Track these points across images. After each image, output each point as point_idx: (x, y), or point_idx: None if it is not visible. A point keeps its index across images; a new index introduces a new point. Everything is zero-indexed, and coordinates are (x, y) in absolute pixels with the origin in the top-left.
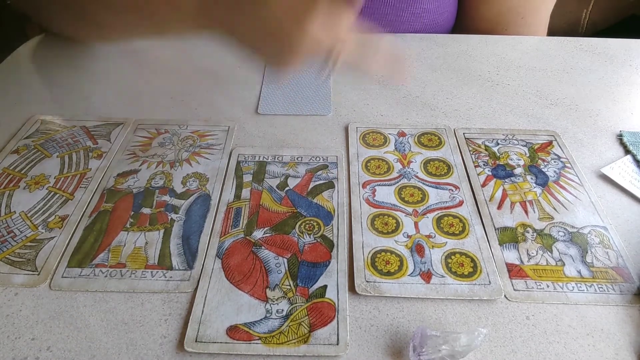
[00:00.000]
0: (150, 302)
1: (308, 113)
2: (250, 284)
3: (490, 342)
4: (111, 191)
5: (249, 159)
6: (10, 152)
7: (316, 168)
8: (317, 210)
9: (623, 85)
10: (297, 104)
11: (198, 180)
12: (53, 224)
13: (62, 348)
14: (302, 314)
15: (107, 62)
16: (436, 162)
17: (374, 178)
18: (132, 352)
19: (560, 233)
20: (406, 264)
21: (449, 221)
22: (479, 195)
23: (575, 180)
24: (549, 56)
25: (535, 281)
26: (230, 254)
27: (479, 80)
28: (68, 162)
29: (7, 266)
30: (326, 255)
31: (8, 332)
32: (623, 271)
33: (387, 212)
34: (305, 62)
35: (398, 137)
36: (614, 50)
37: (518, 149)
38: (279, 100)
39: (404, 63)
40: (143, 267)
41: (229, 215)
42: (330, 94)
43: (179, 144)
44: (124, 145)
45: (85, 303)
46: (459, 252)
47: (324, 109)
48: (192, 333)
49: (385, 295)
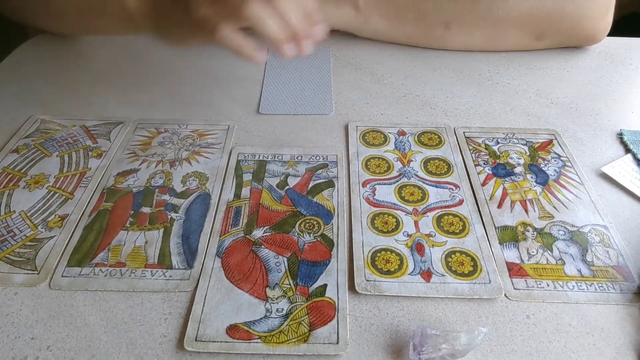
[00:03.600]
0: (150, 301)
1: (309, 112)
2: (250, 283)
3: (490, 341)
4: (111, 190)
5: (249, 157)
6: (10, 152)
7: (316, 167)
8: (317, 209)
9: (623, 84)
10: (298, 104)
11: (198, 179)
12: (53, 223)
13: (61, 347)
14: (302, 313)
15: (107, 62)
16: (436, 161)
17: (374, 177)
18: (131, 351)
19: (561, 232)
20: (406, 263)
21: (449, 220)
22: (479, 194)
23: (576, 179)
24: (549, 55)
25: (536, 280)
26: (230, 253)
27: (479, 79)
28: (68, 161)
29: (6, 265)
30: (326, 254)
31: (8, 331)
32: (623, 270)
33: (387, 211)
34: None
35: (398, 136)
36: (615, 49)
37: (518, 148)
38: (280, 99)
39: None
40: (143, 266)
41: (228, 214)
42: (332, 93)
43: (178, 143)
44: (124, 145)
45: (85, 302)
46: (459, 251)
47: (326, 109)
48: (192, 332)
49: (385, 294)
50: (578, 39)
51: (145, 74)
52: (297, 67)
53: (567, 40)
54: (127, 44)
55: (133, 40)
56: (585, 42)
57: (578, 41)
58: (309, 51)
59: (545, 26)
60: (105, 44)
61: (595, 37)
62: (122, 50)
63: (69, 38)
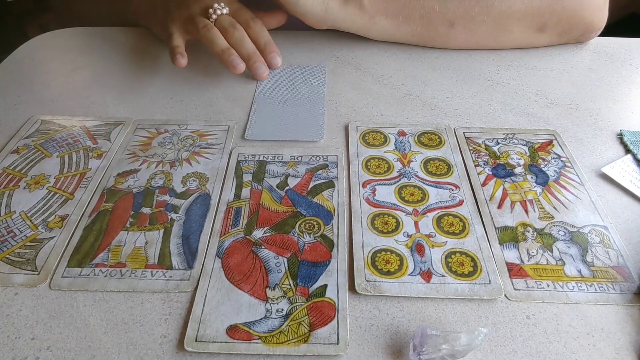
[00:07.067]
0: (150, 302)
1: (298, 139)
2: (250, 283)
3: (490, 342)
4: (111, 191)
5: (249, 158)
6: (10, 152)
7: (316, 167)
8: (317, 210)
9: (623, 84)
10: (287, 128)
11: (198, 179)
12: (53, 224)
13: (62, 348)
14: (302, 313)
15: (107, 62)
16: (436, 162)
17: (374, 177)
18: (131, 351)
19: (561, 232)
20: (406, 264)
21: (449, 220)
22: (479, 194)
23: (576, 179)
24: (549, 55)
25: (536, 280)
26: (230, 253)
27: (479, 80)
28: (68, 161)
29: (7, 266)
30: (326, 254)
31: (8, 331)
32: (623, 270)
33: (387, 211)
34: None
35: (398, 136)
36: (614, 49)
37: (518, 149)
38: (267, 124)
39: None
40: (143, 266)
41: (228, 215)
42: (324, 116)
43: (178, 143)
44: (124, 145)
45: (85, 303)
46: (459, 252)
47: (316, 134)
48: (192, 333)
49: (385, 294)
50: (578, 29)
51: (146, 74)
52: (289, 89)
53: (567, 31)
54: (127, 44)
55: (133, 40)
56: (585, 31)
57: (578, 31)
58: (264, 74)
59: (546, 16)
60: (105, 44)
61: (595, 25)
62: (122, 50)
63: (69, 38)
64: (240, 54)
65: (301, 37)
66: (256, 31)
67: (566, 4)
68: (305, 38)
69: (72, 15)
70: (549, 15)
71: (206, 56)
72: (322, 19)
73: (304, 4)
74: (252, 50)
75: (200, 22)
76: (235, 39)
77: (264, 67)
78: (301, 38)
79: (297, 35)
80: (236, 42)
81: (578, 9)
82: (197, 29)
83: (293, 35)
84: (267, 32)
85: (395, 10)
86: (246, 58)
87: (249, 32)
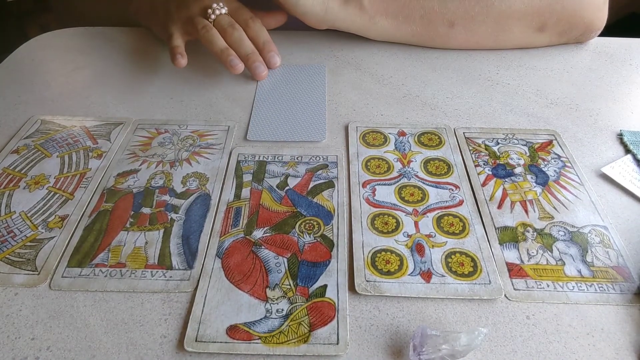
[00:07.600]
0: (150, 302)
1: (300, 139)
2: (250, 283)
3: (490, 342)
4: (111, 191)
5: (249, 158)
6: (10, 152)
7: (316, 167)
8: (317, 210)
9: (623, 85)
10: (289, 129)
11: (198, 179)
12: (53, 224)
13: (62, 348)
14: (302, 313)
15: (107, 62)
16: (436, 162)
17: (374, 177)
18: (132, 351)
19: (561, 232)
20: (406, 264)
21: (449, 221)
22: (479, 194)
23: (576, 179)
24: (549, 55)
25: (536, 281)
26: (230, 253)
27: (479, 80)
28: (68, 161)
29: (7, 266)
30: (326, 254)
31: (8, 332)
32: (623, 270)
33: (387, 211)
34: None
35: (398, 136)
36: (614, 49)
37: (518, 149)
38: (269, 124)
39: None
40: (143, 266)
41: (228, 215)
42: (325, 116)
43: (178, 143)
44: (124, 145)
45: (85, 303)
46: (459, 252)
47: (318, 135)
48: (192, 333)
49: (385, 294)
50: (578, 28)
51: (146, 74)
52: (289, 90)
53: (567, 30)
54: (127, 44)
55: (133, 40)
56: (585, 30)
57: (578, 31)
58: (262, 73)
59: (546, 16)
60: (106, 44)
61: (595, 25)
62: (122, 50)
63: (69, 38)
64: (239, 54)
65: (301, 37)
66: (255, 31)
67: (566, 3)
68: (305, 38)
69: (72, 15)
70: (549, 15)
71: (206, 56)
72: (322, 19)
73: (304, 4)
74: (251, 50)
75: (200, 22)
76: (234, 38)
77: (262, 67)
78: (301, 38)
79: (297, 35)
80: (235, 42)
81: (578, 9)
82: (196, 30)
83: (293, 35)
84: (266, 31)
85: (395, 10)
86: (245, 58)
87: (248, 32)
